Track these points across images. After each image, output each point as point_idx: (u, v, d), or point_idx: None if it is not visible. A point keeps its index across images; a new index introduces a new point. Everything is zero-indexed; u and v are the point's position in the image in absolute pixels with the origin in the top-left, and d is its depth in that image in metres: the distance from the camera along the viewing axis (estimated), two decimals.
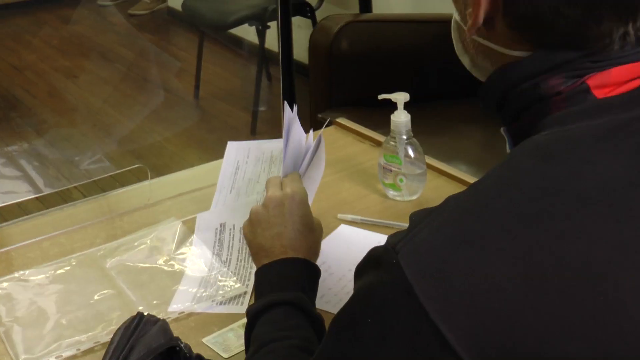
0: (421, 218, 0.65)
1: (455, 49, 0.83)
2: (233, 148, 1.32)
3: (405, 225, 0.67)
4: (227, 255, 1.22)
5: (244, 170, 1.30)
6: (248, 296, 1.14)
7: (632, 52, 0.68)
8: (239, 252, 1.22)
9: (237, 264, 1.20)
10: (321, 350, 0.72)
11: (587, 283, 0.57)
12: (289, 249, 1.00)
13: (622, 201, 0.60)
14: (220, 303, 1.12)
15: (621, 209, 0.59)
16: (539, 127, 0.68)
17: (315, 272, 1.01)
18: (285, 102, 1.22)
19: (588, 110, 0.66)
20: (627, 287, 0.57)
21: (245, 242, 1.10)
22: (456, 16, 0.79)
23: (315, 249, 1.05)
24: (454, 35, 0.83)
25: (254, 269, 1.03)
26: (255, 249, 1.04)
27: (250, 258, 1.09)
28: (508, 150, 0.76)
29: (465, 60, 0.82)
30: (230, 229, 1.25)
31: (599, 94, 0.67)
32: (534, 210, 0.60)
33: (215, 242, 1.25)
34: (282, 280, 0.98)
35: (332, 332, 0.70)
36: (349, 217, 1.32)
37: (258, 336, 0.92)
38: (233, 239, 1.24)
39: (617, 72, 0.67)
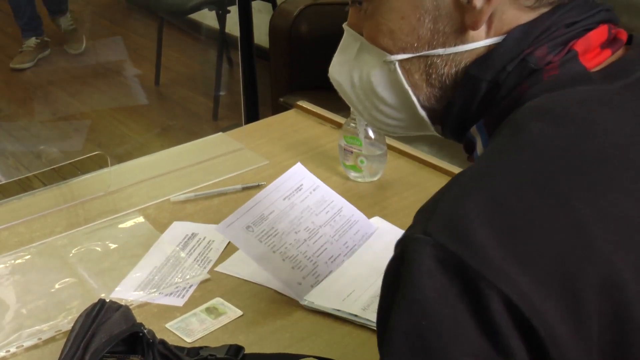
0: (431, 203, 0.60)
1: (402, 84, 0.74)
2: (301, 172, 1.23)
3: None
4: (188, 252, 1.21)
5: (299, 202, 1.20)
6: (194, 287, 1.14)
7: (591, 14, 0.67)
8: (198, 255, 1.20)
9: (192, 262, 1.18)
10: None
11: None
12: None
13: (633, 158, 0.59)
14: (184, 288, 1.12)
15: (634, 165, 0.59)
16: (523, 101, 0.65)
17: None
18: None
19: (575, 78, 0.64)
20: None
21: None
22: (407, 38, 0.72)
23: None
24: (392, 72, 0.75)
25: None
26: None
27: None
28: (481, 148, 0.71)
29: (426, 90, 0.73)
30: (200, 239, 1.23)
31: (584, 59, 0.66)
32: (559, 167, 0.58)
33: (180, 242, 1.23)
34: None
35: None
36: None
37: None
38: (199, 245, 1.22)
39: (595, 36, 0.66)
